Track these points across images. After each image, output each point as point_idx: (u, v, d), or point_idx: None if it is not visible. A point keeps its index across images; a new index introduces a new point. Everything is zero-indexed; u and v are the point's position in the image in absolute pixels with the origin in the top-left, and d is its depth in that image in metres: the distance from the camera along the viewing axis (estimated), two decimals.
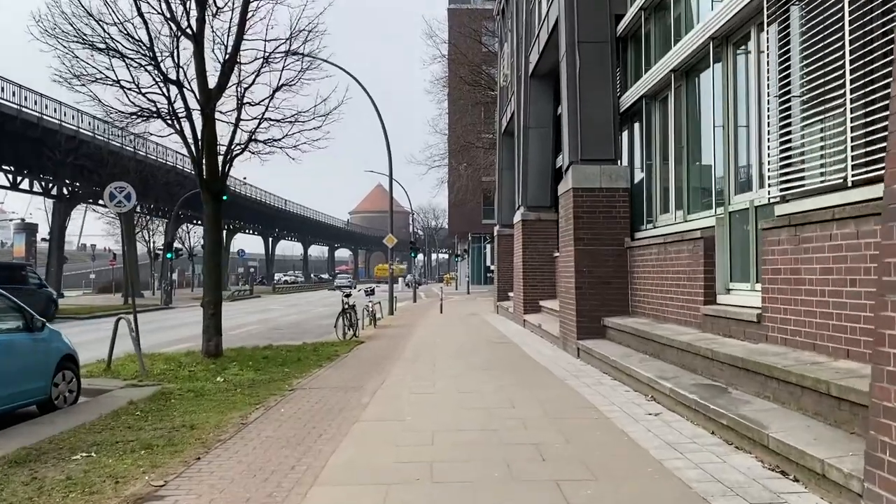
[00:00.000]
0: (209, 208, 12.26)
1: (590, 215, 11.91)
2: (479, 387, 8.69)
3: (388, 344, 15.03)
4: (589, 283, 11.77)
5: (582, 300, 11.74)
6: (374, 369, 10.69)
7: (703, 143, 9.77)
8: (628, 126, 12.65)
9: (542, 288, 18.74)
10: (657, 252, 10.37)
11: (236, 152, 12.47)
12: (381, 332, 18.48)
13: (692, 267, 8.99)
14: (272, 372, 10.63)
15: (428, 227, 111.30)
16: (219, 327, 12.28)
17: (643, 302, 11.03)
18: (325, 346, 14.52)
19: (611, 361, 9.46)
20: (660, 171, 11.24)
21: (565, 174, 12.77)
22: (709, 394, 6.52)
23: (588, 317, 11.71)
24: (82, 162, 34.72)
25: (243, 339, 18.68)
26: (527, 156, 19.14)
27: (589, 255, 11.81)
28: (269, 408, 7.66)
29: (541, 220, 18.97)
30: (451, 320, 22.43)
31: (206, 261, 12.39)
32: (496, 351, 13.00)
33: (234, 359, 12.08)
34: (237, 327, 22.91)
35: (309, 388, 8.93)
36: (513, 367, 10.55)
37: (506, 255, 26.41)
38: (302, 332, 20.40)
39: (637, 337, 9.85)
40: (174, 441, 6.13)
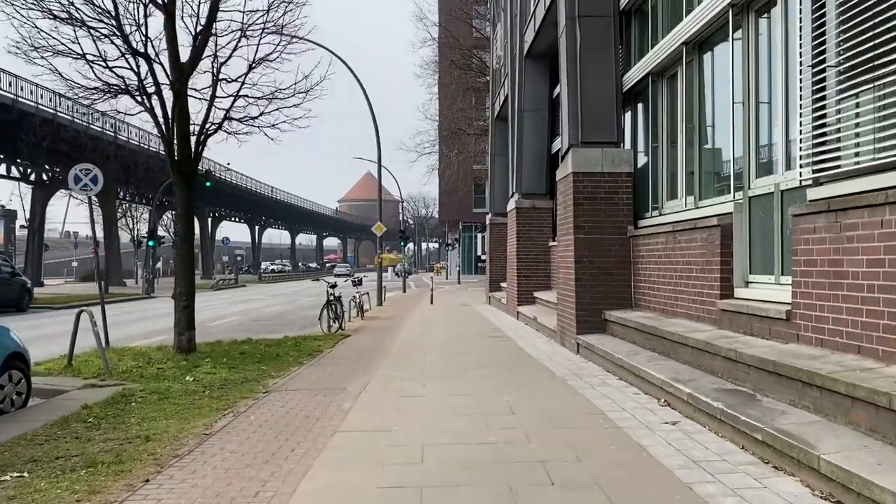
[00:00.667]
0: (181, 192, 11.38)
1: (591, 201, 11.12)
2: (474, 388, 7.90)
3: (375, 338, 14.22)
4: (589, 273, 10.99)
5: (582, 292, 10.96)
6: (358, 367, 9.88)
7: (717, 122, 8.98)
8: (631, 107, 11.84)
9: (536, 279, 17.96)
10: (665, 241, 9.59)
11: (210, 132, 11.56)
12: (368, 325, 17.67)
13: (706, 257, 8.21)
14: (247, 370, 9.79)
15: (418, 216, 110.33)
16: (191, 321, 11.43)
17: (648, 295, 10.25)
18: (308, 340, 13.69)
19: (616, 360, 8.68)
20: (667, 155, 10.44)
21: (564, 158, 11.97)
22: (735, 401, 5.75)
23: (588, 310, 10.93)
24: (60, 146, 33.55)
25: (223, 331, 17.83)
26: (521, 140, 18.32)
27: (590, 244, 11.03)
28: (239, 414, 6.83)
29: (535, 207, 18.17)
30: (442, 311, 21.64)
31: (179, 248, 11.50)
32: (490, 346, 12.21)
33: (208, 355, 11.24)
34: (218, 318, 22.05)
35: (285, 390, 8.10)
36: (509, 365, 9.77)
37: (498, 244, 25.62)
38: (286, 324, 19.58)
39: (644, 333, 9.08)
40: (123, 457, 5.30)
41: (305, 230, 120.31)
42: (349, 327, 16.75)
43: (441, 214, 63.09)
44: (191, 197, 11.48)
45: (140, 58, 10.88)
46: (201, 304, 30.19)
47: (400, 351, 11.70)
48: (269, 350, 11.91)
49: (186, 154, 11.35)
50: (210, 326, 19.39)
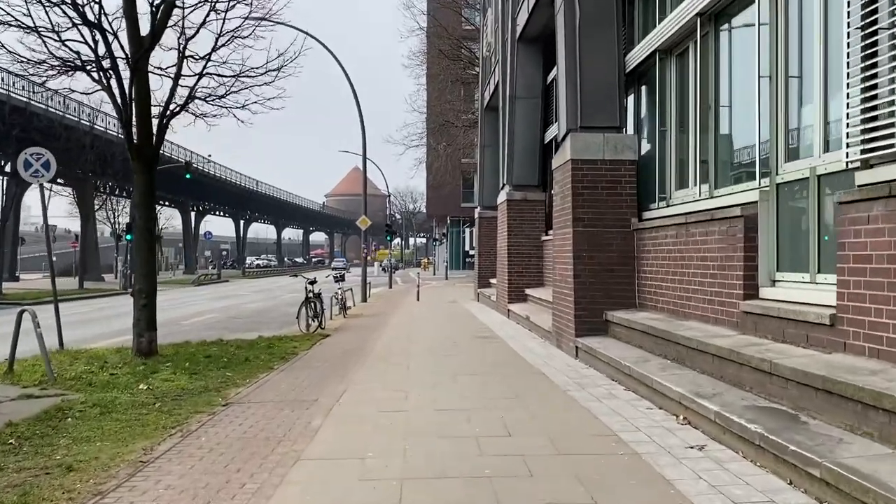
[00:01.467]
0: (140, 179, 10.32)
1: (591, 191, 10.17)
2: (464, 401, 6.92)
3: (356, 338, 13.22)
4: (589, 270, 10.05)
5: (581, 290, 10.02)
6: (335, 373, 8.89)
7: (738, 101, 8.04)
8: (634, 89, 10.89)
9: (528, 275, 17.01)
10: (675, 234, 8.65)
11: (174, 111, 10.51)
12: (350, 323, 16.67)
13: (727, 252, 7.28)
14: (210, 377, 8.78)
15: (406, 211, 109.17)
16: (152, 320, 10.39)
17: (655, 294, 9.32)
18: (283, 340, 12.69)
19: (623, 367, 7.74)
20: (676, 140, 9.50)
21: (562, 144, 11.01)
22: (776, 423, 4.82)
23: (588, 310, 9.99)
24: (32, 135, 32.22)
25: (196, 330, 16.81)
26: (513, 129, 17.35)
27: (590, 238, 10.08)
28: (188, 434, 5.83)
29: (528, 199, 17.21)
30: (428, 309, 20.66)
31: (137, 241, 10.45)
32: (480, 348, 11.25)
33: (171, 358, 10.21)
34: (193, 315, 20.99)
35: (248, 403, 7.10)
36: (502, 372, 8.80)
37: (487, 239, 24.64)
38: (264, 322, 18.57)
39: (653, 337, 8.15)
40: (30, 497, 4.29)
41: (291, 225, 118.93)
42: (330, 326, 15.77)
43: (429, 209, 62.02)
44: (152, 185, 10.43)
45: (94, 30, 9.80)
46: (179, 301, 29.26)
47: (382, 353, 10.72)
48: (239, 353, 10.90)
49: (147, 137, 10.30)
50: (183, 325, 18.36)
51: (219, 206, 79.92)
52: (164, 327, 17.56)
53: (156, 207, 10.18)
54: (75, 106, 36.05)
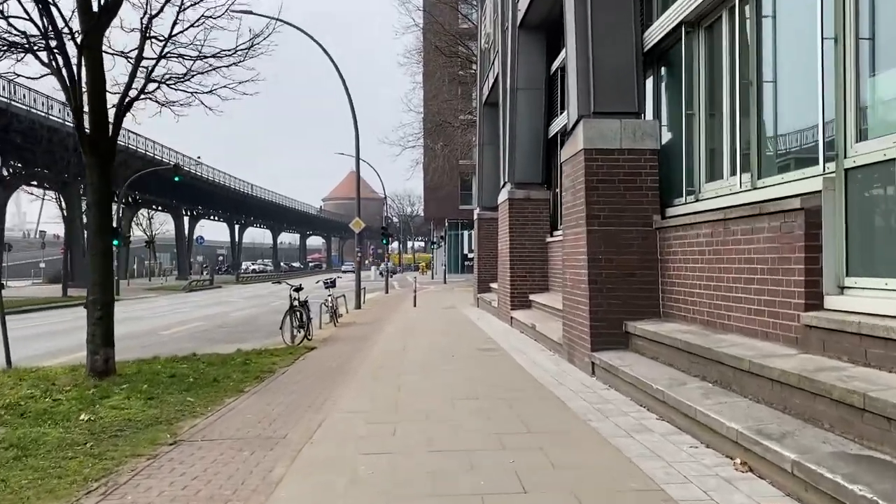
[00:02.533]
0: (95, 175, 9.06)
1: (607, 185, 8.93)
2: (465, 437, 5.66)
3: (344, 351, 11.96)
4: (606, 275, 8.80)
5: (597, 298, 8.77)
6: (313, 398, 7.63)
7: (787, 75, 6.79)
8: (654, 69, 9.66)
9: (532, 280, 15.76)
10: (709, 233, 7.40)
11: (133, 97, 9.26)
12: (340, 333, 15.40)
13: (780, 254, 6.02)
14: (168, 402, 7.51)
15: (403, 214, 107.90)
16: (109, 335, 9.14)
17: (683, 302, 8.07)
18: (262, 355, 11.42)
19: (654, 391, 6.48)
20: (705, 125, 8.25)
21: (572, 133, 9.77)
22: (889, 484, 3.56)
23: (605, 320, 8.74)
24: (13, 137, 31.01)
25: (175, 341, 15.57)
26: (514, 123, 16.10)
27: (606, 238, 8.84)
28: (112, 490, 4.56)
29: (531, 198, 15.96)
30: (426, 315, 19.38)
31: (91, 246, 9.18)
32: (483, 364, 9.98)
33: (130, 379, 8.95)
34: (176, 325, 19.70)
35: (201, 440, 5.84)
36: (508, 395, 7.53)
37: (487, 241, 23.40)
38: (249, 332, 17.31)
39: (686, 353, 6.89)
40: None
41: (288, 229, 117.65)
42: (318, 336, 14.51)
43: (426, 211, 60.79)
44: (107, 180, 9.18)
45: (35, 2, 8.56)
46: (166, 308, 27.98)
47: (371, 371, 9.45)
48: (209, 371, 9.63)
49: (101, 127, 9.05)
50: (163, 335, 17.10)
51: (213, 210, 78.67)
52: (141, 338, 16.36)
53: (113, 207, 8.91)
54: (60, 107, 34.76)
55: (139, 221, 72.98)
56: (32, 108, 34.05)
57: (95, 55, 8.84)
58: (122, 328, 18.68)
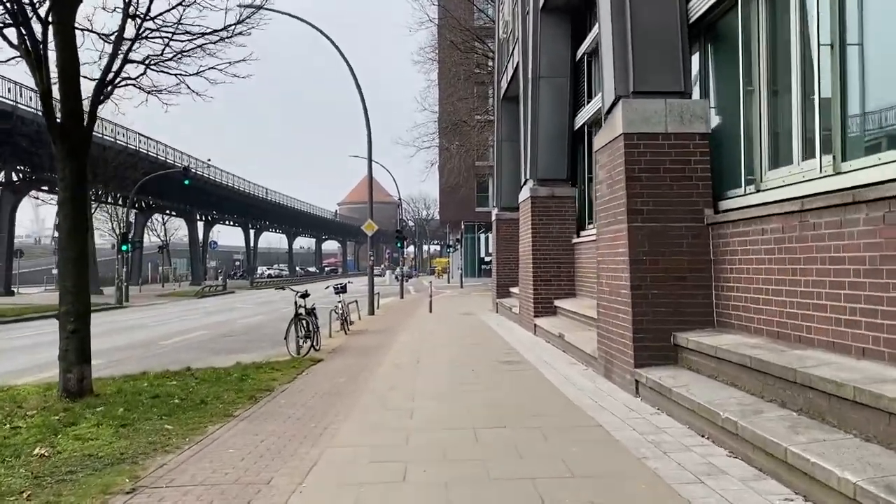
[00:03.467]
0: (66, 168, 8.00)
1: (651, 175, 7.76)
2: (491, 487, 4.50)
3: (353, 365, 10.84)
4: (651, 278, 7.62)
5: (642, 305, 7.58)
6: (310, 426, 6.51)
7: (874, 33, 5.59)
8: (700, 42, 8.47)
9: (558, 284, 14.56)
10: (780, 227, 6.20)
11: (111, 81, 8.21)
12: (351, 343, 14.28)
13: (884, 251, 4.82)
14: (142, 431, 6.42)
15: (419, 218, 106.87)
16: (84, 351, 8.06)
17: (745, 309, 6.87)
18: (262, 369, 10.32)
19: (722, 421, 5.28)
20: (767, 103, 7.05)
21: (607, 117, 8.61)
22: None
23: (651, 331, 7.55)
24: (18, 141, 30.24)
25: (175, 351, 14.58)
26: (536, 116, 14.93)
27: (651, 237, 7.66)
28: None
29: (555, 196, 14.76)
30: (442, 323, 18.23)
31: (63, 248, 8.09)
32: (507, 380, 8.81)
33: (108, 400, 7.87)
34: (178, 334, 18.68)
35: (165, 487, 4.72)
36: (542, 422, 6.36)
37: (506, 243, 22.26)
38: (255, 341, 16.26)
39: (757, 373, 5.70)
40: None
41: (304, 234, 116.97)
42: (327, 346, 13.43)
43: (442, 214, 59.70)
44: (82, 176, 8.12)
45: None
46: (173, 315, 26.97)
47: (380, 390, 8.32)
48: (199, 389, 8.54)
49: (74, 114, 8.01)
50: (163, 346, 16.08)
51: (227, 215, 77.98)
52: (139, 349, 15.36)
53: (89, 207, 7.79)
54: None
55: (154, 227, 72.56)
56: (39, 110, 33.28)
57: (66, 33, 7.78)
58: (122, 338, 17.78)
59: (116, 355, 14.21)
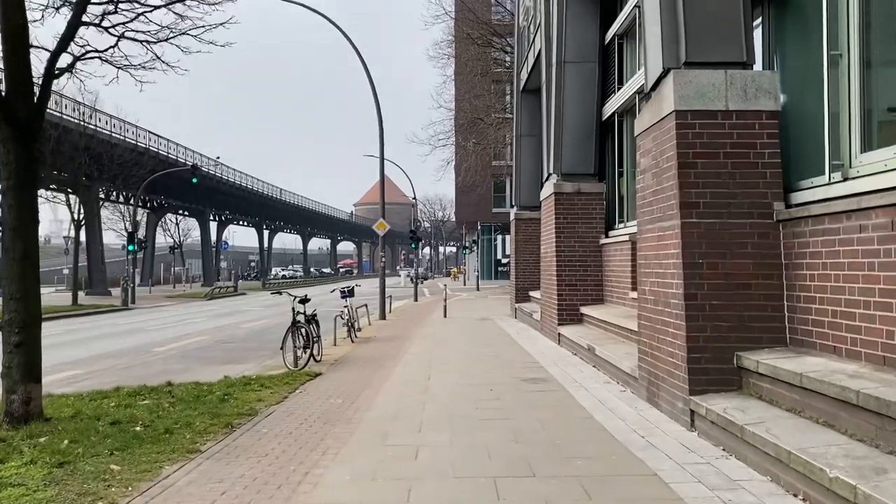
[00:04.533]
0: (10, 151, 6.74)
1: (708, 161, 6.42)
2: None
3: (354, 381, 9.55)
4: (711, 286, 6.28)
5: (697, 319, 6.24)
6: (290, 467, 5.22)
7: None
8: (765, 4, 7.11)
9: (584, 289, 13.21)
10: (886, 223, 4.84)
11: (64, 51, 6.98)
12: (356, 353, 13.01)
13: None
14: (80, 473, 5.15)
15: (434, 219, 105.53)
16: (32, 367, 6.82)
17: (832, 326, 5.50)
18: (251, 385, 9.07)
19: (830, 483, 3.93)
20: (858, 70, 5.68)
21: (653, 94, 7.26)
22: None
23: (709, 351, 6.21)
24: None
25: (166, 360, 13.44)
26: (561, 105, 13.59)
27: (709, 235, 6.33)
28: None
29: (581, 192, 13.40)
30: (457, 329, 16.92)
31: (8, 248, 6.85)
32: (532, 406, 7.48)
33: (57, 426, 6.63)
34: (177, 339, 17.50)
35: None
36: (580, 467, 5.04)
37: (525, 244, 20.92)
38: (254, 349, 15.05)
39: (867, 413, 4.34)
40: None
41: (319, 234, 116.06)
42: (330, 356, 12.18)
43: (458, 215, 58.33)
44: (29, 161, 6.86)
45: None
46: (177, 319, 25.78)
47: (381, 418, 7.02)
48: (170, 413, 7.29)
49: (22, 88, 6.77)
50: (155, 353, 14.90)
51: (240, 215, 77.13)
52: (128, 357, 14.17)
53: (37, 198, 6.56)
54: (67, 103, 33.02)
55: (168, 227, 71.79)
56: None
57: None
58: (114, 344, 16.59)
59: (99, 364, 13.03)
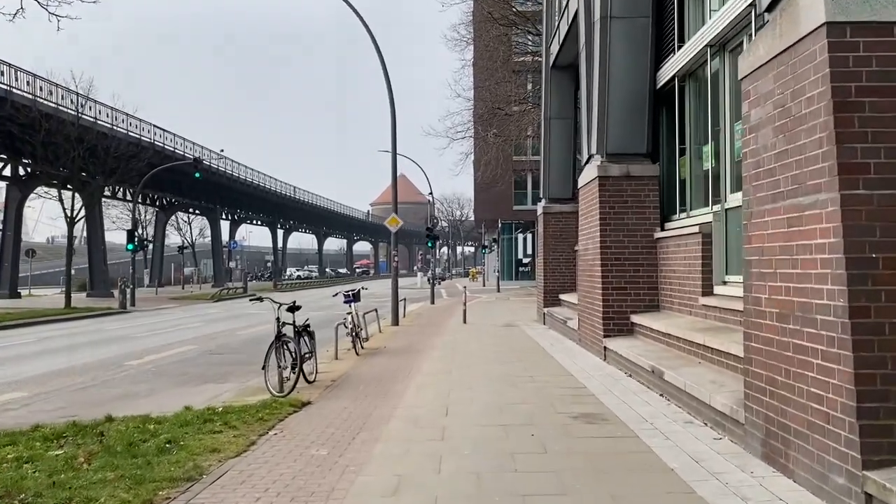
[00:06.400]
0: None
1: (882, 101, 4.13)
2: None
3: (347, 417, 7.32)
4: (890, 294, 3.97)
5: (870, 347, 3.93)
6: None
7: None
8: None
9: (635, 293, 10.88)
10: None
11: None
12: (359, 371, 10.79)
13: None
14: None
15: (452, 218, 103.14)
16: None
17: None
18: (215, 422, 6.88)
19: None
20: None
21: (781, 5, 4.93)
22: None
23: (891, 393, 3.90)
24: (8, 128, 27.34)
25: (133, 377, 11.40)
26: (606, 71, 11.26)
27: (888, 215, 4.02)
28: None
29: (631, 176, 11.07)
30: (479, 339, 14.66)
31: None
32: (597, 468, 5.19)
33: None
34: (158, 350, 15.36)
35: None
36: None
37: (555, 241, 18.61)
38: (243, 362, 12.87)
39: None
40: None
41: (334, 234, 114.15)
42: (328, 373, 10.10)
43: (477, 213, 56.03)
44: None
45: None
46: (171, 323, 23.50)
47: (376, 491, 4.78)
48: (73, 479, 5.08)
49: None
50: (126, 367, 12.79)
51: (253, 213, 75.31)
52: (92, 373, 11.89)
53: None
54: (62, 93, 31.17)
55: (179, 226, 70.09)
56: (37, 96, 30.42)
57: None
58: (84, 355, 14.32)
59: (53, 384, 10.92)
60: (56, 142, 27.55)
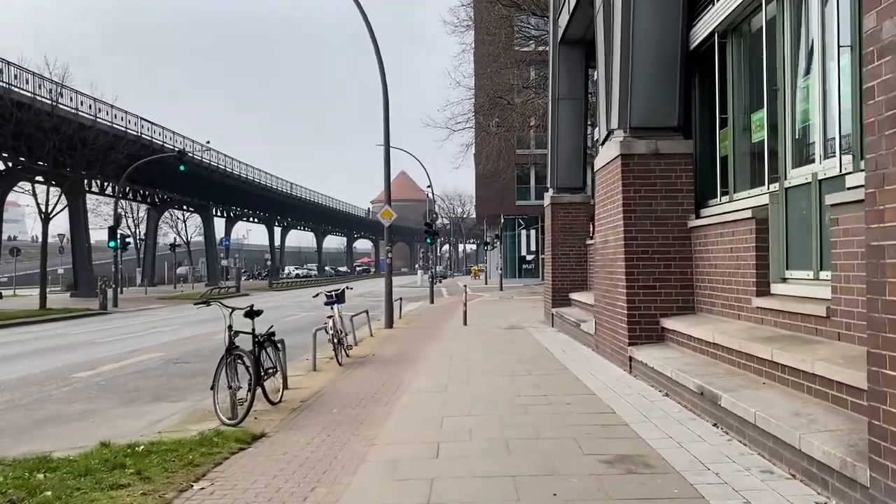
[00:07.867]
0: None
1: None
2: None
3: (306, 460, 5.59)
4: None
5: None
6: None
7: None
8: None
9: (665, 292, 9.12)
10: None
11: None
12: (337, 388, 9.06)
13: None
14: None
15: (453, 216, 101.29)
16: None
17: None
18: (126, 469, 5.16)
19: None
20: None
21: None
22: None
23: None
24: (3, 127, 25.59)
25: (71, 395, 9.85)
26: (629, 29, 9.49)
27: None
28: None
29: (661, 154, 9.30)
30: (481, 345, 12.92)
31: None
32: None
33: None
34: (118, 358, 13.63)
35: None
36: None
37: (564, 234, 16.88)
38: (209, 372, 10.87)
39: None
40: None
41: (334, 232, 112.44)
42: (299, 390, 8.41)
43: (478, 208, 54.31)
44: None
45: None
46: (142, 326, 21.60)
47: None
48: None
49: None
50: (71, 381, 11.10)
51: (249, 210, 73.56)
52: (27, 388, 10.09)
53: None
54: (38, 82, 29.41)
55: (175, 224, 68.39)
56: (37, 94, 28.57)
57: None
58: (31, 366, 12.26)
59: None
60: (28, 132, 25.82)
